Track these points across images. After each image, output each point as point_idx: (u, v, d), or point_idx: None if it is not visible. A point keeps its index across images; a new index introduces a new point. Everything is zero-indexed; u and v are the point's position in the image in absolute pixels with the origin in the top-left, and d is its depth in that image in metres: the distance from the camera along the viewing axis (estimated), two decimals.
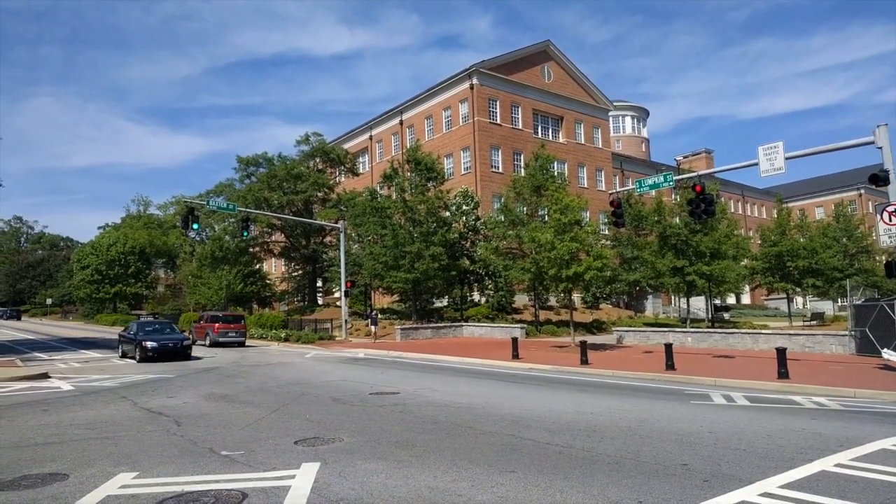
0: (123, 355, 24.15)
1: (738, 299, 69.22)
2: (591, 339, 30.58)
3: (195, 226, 30.78)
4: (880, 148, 16.39)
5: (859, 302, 24.88)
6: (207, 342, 32.16)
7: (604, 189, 56.11)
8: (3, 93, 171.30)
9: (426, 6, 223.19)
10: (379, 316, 35.73)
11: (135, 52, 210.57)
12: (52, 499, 5.89)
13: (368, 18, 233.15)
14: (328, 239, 52.91)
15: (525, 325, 34.38)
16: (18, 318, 79.84)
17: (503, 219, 34.98)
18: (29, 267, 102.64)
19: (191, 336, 32.21)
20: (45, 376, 17.20)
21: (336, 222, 40.94)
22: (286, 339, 33.80)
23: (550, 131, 54.96)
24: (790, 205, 55.62)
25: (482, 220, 39.72)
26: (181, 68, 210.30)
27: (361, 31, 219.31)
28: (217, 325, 32.31)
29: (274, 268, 68.25)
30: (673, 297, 52.44)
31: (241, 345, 31.94)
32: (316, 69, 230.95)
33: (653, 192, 38.72)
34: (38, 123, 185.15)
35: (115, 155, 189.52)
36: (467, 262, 39.31)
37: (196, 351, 28.07)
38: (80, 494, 6.00)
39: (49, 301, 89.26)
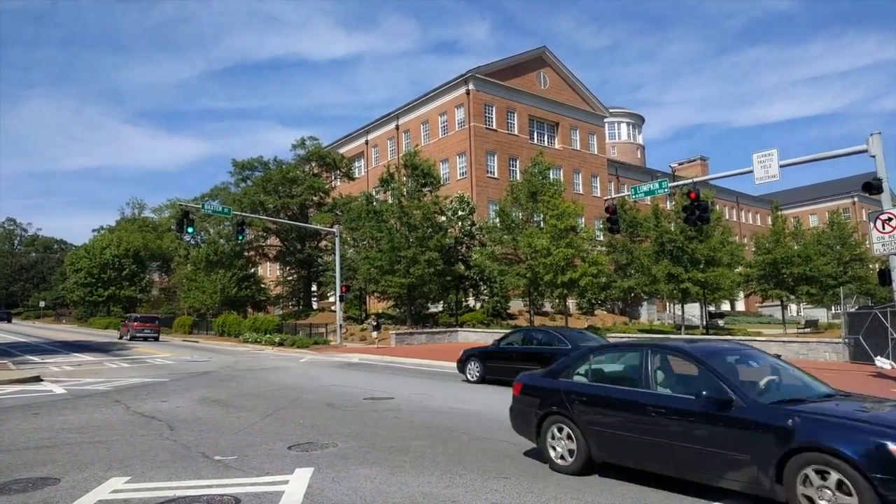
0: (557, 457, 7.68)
1: (732, 306, 69.40)
2: None
3: (190, 229, 30.72)
4: (873, 156, 16.47)
5: (853, 309, 25.02)
6: (128, 337, 40.66)
7: (599, 195, 56.26)
8: None
9: (424, 11, 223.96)
10: (374, 322, 35.59)
11: (132, 54, 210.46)
12: (43, 503, 5.84)
13: (366, 23, 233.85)
14: (323, 243, 52.89)
15: None
16: (9, 321, 79.37)
17: (499, 224, 35.07)
18: (22, 269, 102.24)
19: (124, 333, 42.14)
20: (37, 379, 17.09)
21: (331, 226, 40.92)
22: (281, 344, 33.70)
23: (546, 137, 55.11)
24: (785, 212, 55.89)
25: (478, 226, 39.77)
26: (179, 71, 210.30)
27: (359, 35, 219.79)
28: (135, 323, 41.27)
29: (269, 272, 68.12)
30: (668, 304, 52.57)
31: (156, 340, 40.43)
32: (314, 73, 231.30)
33: (648, 199, 38.85)
34: (34, 126, 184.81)
35: (111, 158, 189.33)
36: (463, 268, 39.33)
37: (135, 346, 32.59)
38: (71, 499, 5.95)
39: (42, 304, 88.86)
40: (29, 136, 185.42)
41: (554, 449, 7.21)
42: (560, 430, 7.15)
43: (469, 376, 17.23)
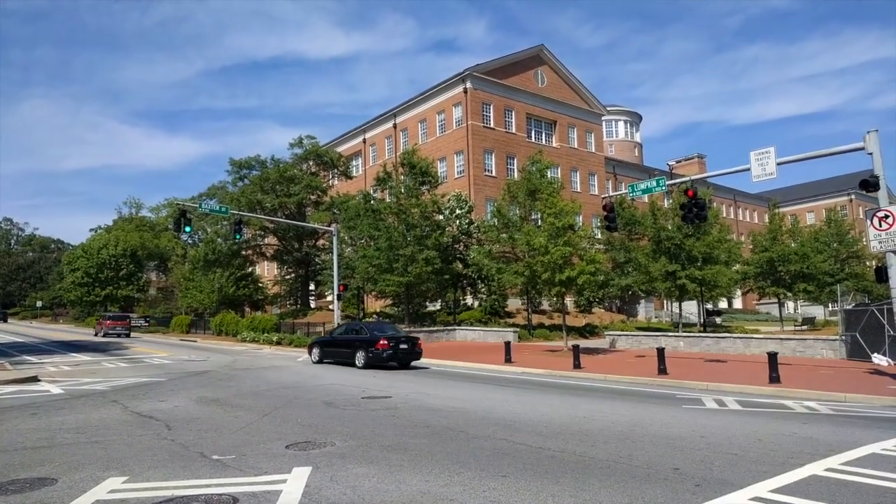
0: None
1: (729, 304, 69.53)
2: (583, 343, 30.61)
3: (187, 228, 30.66)
4: (870, 154, 16.51)
5: (850, 307, 25.05)
6: (102, 334, 45.35)
7: (596, 193, 56.32)
8: None
9: (422, 10, 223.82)
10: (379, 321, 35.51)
11: (130, 54, 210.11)
12: (41, 503, 5.84)
13: (365, 22, 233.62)
14: (321, 242, 52.82)
15: (518, 329, 34.38)
16: (4, 320, 79.12)
17: (497, 222, 35.05)
18: (19, 269, 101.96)
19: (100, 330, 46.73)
20: (34, 379, 17.05)
21: (329, 225, 40.85)
22: (278, 343, 33.68)
23: (544, 135, 55.11)
24: (782, 210, 55.89)
25: (475, 224, 39.73)
26: (177, 71, 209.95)
27: (358, 34, 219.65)
28: (108, 321, 46.05)
29: (266, 271, 68.06)
30: (665, 302, 52.62)
31: (127, 336, 44.87)
32: (312, 72, 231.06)
33: (645, 197, 38.83)
34: (33, 125, 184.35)
35: (109, 157, 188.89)
36: (460, 266, 39.31)
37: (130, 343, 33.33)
38: (68, 499, 5.94)
39: (39, 304, 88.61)
40: (27, 136, 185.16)
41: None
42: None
43: (313, 358, 23.58)
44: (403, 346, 21.21)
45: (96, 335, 46.56)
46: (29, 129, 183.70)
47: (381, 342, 20.72)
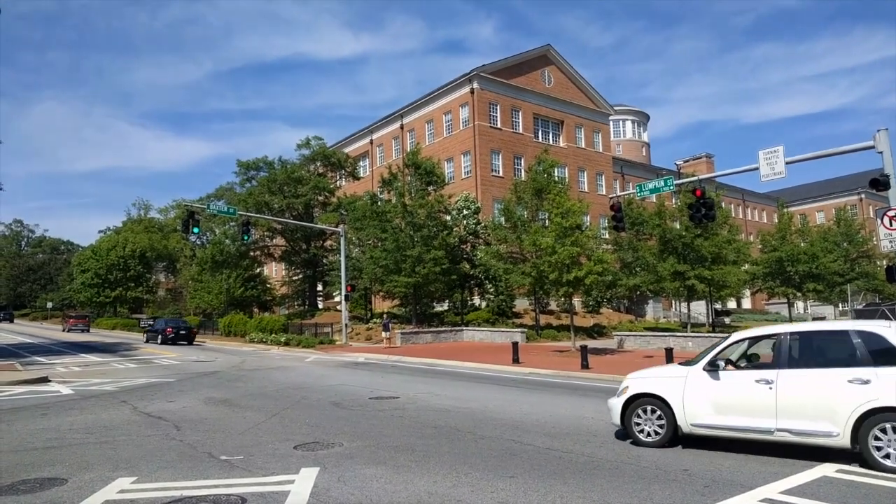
0: None
1: (738, 304, 69.12)
2: (591, 343, 30.51)
3: (196, 230, 30.81)
4: (881, 153, 16.38)
5: (860, 306, 24.87)
6: (67, 329, 54.81)
7: (604, 193, 56.15)
8: (8, 97, 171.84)
9: (430, 11, 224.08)
10: (385, 321, 35.41)
11: (140, 56, 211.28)
12: (51, 503, 5.87)
13: (373, 23, 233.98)
14: (328, 243, 52.91)
15: (525, 330, 34.29)
16: (11, 321, 79.75)
17: (504, 222, 34.98)
18: (29, 270, 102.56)
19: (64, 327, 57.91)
20: (44, 380, 17.18)
21: (336, 226, 40.93)
22: (286, 344, 33.76)
23: (551, 135, 54.99)
24: (791, 209, 55.48)
25: (483, 224, 39.67)
26: (187, 73, 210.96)
27: (366, 35, 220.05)
28: (71, 320, 56.32)
29: (274, 272, 68.23)
30: (674, 302, 52.38)
31: (87, 331, 54.37)
32: (321, 74, 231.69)
33: (653, 197, 38.71)
34: (43, 127, 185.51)
35: (119, 159, 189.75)
36: (468, 267, 39.26)
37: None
38: (78, 499, 5.98)
39: (49, 305, 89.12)
40: (38, 138, 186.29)
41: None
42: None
43: (144, 339, 38.14)
44: (182, 332, 36.39)
45: (63, 330, 56.02)
46: (40, 132, 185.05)
47: (168, 330, 36.05)
